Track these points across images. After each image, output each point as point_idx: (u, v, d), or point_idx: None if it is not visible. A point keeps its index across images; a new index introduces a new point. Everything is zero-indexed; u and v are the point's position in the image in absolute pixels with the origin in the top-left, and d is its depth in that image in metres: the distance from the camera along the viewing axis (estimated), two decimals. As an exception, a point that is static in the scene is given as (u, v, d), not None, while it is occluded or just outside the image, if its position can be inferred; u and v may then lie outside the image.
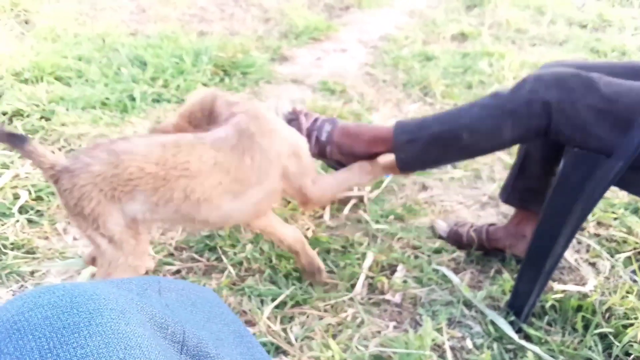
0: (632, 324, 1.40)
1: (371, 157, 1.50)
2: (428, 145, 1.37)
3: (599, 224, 1.90)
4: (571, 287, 1.57)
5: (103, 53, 3.09)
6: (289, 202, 1.95)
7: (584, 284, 1.61)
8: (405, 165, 1.44)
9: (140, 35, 3.50)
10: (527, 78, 1.27)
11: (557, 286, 1.57)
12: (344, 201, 2.01)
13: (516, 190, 1.64)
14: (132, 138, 1.33)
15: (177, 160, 1.26)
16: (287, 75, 3.13)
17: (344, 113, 2.62)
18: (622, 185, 1.27)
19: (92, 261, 1.52)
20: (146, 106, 2.54)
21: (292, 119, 1.56)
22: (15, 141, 1.22)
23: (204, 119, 1.49)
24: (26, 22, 3.59)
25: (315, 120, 1.56)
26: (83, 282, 0.47)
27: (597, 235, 1.84)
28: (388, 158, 1.49)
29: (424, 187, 2.14)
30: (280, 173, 1.40)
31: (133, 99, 2.58)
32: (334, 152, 1.52)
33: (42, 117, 2.39)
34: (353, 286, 1.62)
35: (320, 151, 1.54)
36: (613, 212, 1.92)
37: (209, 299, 0.61)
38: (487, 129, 1.28)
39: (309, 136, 1.52)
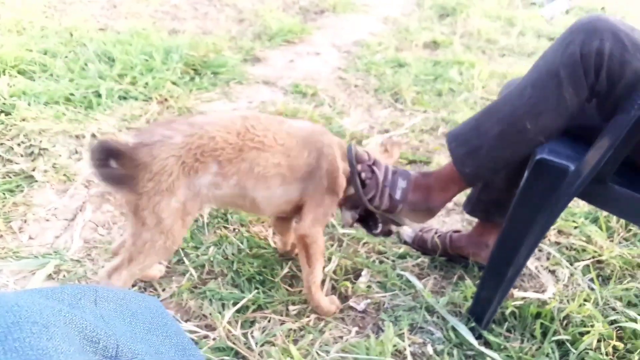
0: (588, 332, 1.42)
1: (447, 201, 1.40)
2: (492, 151, 1.24)
3: (560, 232, 1.93)
4: (531, 294, 1.59)
5: (70, 47, 3.01)
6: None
7: (543, 291, 1.64)
8: (473, 179, 1.30)
9: (110, 31, 3.43)
10: (574, 29, 1.12)
11: (517, 293, 1.59)
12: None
13: (480, 203, 1.64)
14: (209, 113, 1.36)
15: (256, 132, 1.32)
16: (259, 76, 3.11)
17: (315, 116, 2.61)
18: (585, 197, 1.29)
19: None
20: (112, 103, 2.48)
21: (369, 176, 1.37)
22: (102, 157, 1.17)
23: None
24: (-10, 13, 3.48)
25: (386, 171, 1.39)
26: (5, 293, 0.44)
27: (558, 243, 1.88)
28: None
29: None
30: (313, 188, 1.43)
31: (99, 95, 2.51)
32: (405, 210, 1.38)
33: (1, 112, 2.31)
34: (316, 291, 1.60)
35: (390, 208, 1.39)
36: (573, 221, 1.96)
37: (151, 309, 0.58)
38: (551, 107, 1.14)
39: (382, 192, 1.36)
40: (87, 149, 1.15)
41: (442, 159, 2.37)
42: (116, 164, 1.19)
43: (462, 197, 1.75)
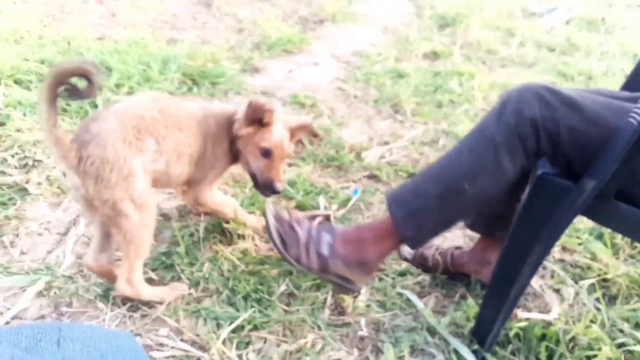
0: (595, 355, 1.38)
1: (383, 256, 1.34)
2: (432, 212, 1.23)
3: (564, 249, 1.89)
4: (535, 315, 1.54)
5: (67, 57, 2.98)
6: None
7: (548, 312, 1.59)
8: (415, 242, 1.29)
9: (108, 40, 3.40)
10: (505, 99, 1.17)
11: (521, 314, 1.54)
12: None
13: (481, 217, 1.59)
14: (123, 99, 1.61)
15: (171, 112, 1.48)
16: (258, 86, 3.08)
17: (313, 128, 2.57)
18: (588, 214, 1.25)
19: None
20: (108, 114, 2.44)
21: (286, 231, 1.35)
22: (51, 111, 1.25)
23: None
24: (-13, 22, 3.45)
25: (310, 228, 1.36)
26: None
27: (562, 260, 1.84)
28: None
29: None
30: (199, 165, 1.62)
31: (95, 105, 2.48)
32: (339, 265, 1.33)
33: (-5, 122, 2.27)
34: (314, 310, 1.56)
35: (322, 266, 1.34)
36: (577, 237, 1.92)
37: (123, 348, 0.53)
38: (488, 170, 1.17)
39: (306, 249, 1.33)
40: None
41: (442, 172, 2.33)
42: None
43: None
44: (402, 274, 1.73)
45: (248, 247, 1.76)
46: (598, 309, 1.61)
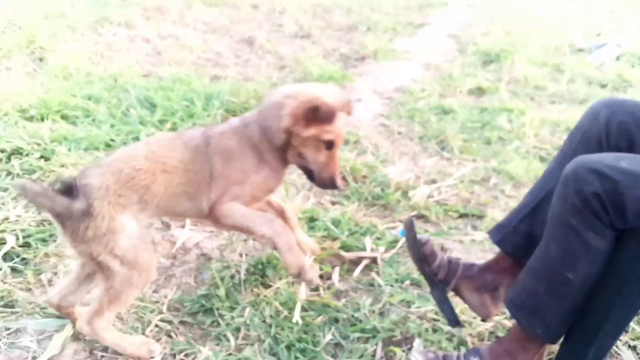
0: None
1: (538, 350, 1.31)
2: (550, 306, 1.22)
3: None
4: (614, 378, 1.37)
5: (113, 93, 3.02)
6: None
7: (626, 373, 1.42)
8: (551, 335, 1.26)
9: (153, 77, 3.46)
10: (564, 180, 1.15)
11: (597, 376, 1.37)
12: (356, 262, 1.85)
13: (517, 234, 1.43)
14: (116, 151, 1.51)
15: (160, 154, 1.41)
16: (300, 123, 3.03)
17: (357, 165, 2.49)
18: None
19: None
20: (151, 150, 2.43)
21: None
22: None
23: None
24: (40, 60, 3.57)
25: (457, 358, 1.36)
26: None
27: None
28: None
29: (443, 249, 1.98)
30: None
31: (139, 141, 2.47)
32: None
33: (41, 157, 2.28)
34: (363, 363, 1.43)
35: None
36: (652, 288, 1.73)
37: None
38: (579, 254, 1.14)
39: None
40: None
41: (496, 213, 2.20)
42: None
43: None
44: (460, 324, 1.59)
45: (291, 291, 1.66)
46: (685, 372, 1.43)
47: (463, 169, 2.60)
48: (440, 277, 1.49)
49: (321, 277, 1.76)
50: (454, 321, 1.47)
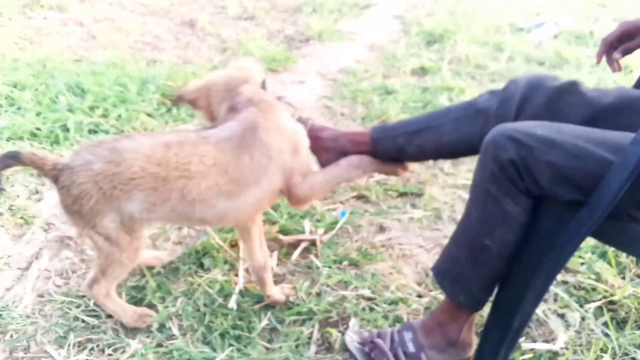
0: (609, 391, 1.25)
1: (461, 328, 1.32)
2: (473, 274, 1.24)
3: (566, 269, 1.77)
4: (541, 345, 1.41)
5: (41, 80, 2.85)
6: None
7: (553, 340, 1.46)
8: (473, 304, 1.28)
9: (85, 62, 3.29)
10: (483, 148, 1.17)
11: (525, 344, 1.41)
12: (295, 245, 1.83)
13: (394, 142, 1.56)
14: (137, 136, 1.36)
15: (179, 161, 1.27)
16: (240, 106, 2.96)
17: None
18: (599, 237, 1.14)
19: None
20: (81, 137, 2.32)
21: (372, 348, 1.36)
22: (9, 161, 1.25)
23: (225, 97, 1.47)
24: (-39, 46, 3.33)
25: (392, 335, 1.38)
26: None
27: (565, 282, 1.71)
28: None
29: (382, 229, 1.98)
30: (280, 171, 1.39)
31: (67, 129, 2.35)
32: (433, 356, 1.34)
33: (-42, 149, 2.14)
34: (299, 346, 1.42)
35: None
36: (580, 257, 1.80)
37: None
38: (497, 221, 1.16)
39: (395, 356, 1.34)
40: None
41: (434, 190, 2.22)
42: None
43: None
44: (395, 302, 1.60)
45: (226, 278, 1.62)
46: (607, 335, 1.49)
47: (404, 149, 2.61)
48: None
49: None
50: None
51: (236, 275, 1.65)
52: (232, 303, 1.53)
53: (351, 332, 1.44)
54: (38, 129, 2.34)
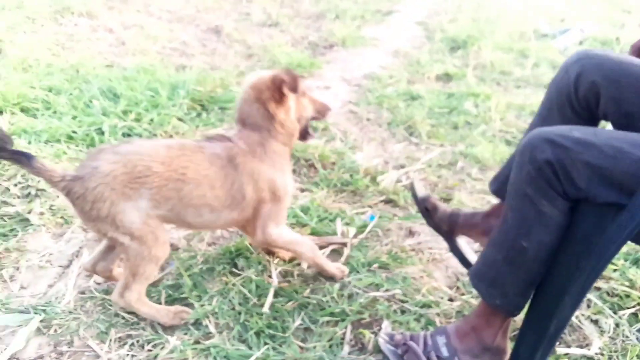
0: (646, 396, 1.24)
1: (498, 334, 1.32)
2: (507, 276, 1.24)
3: (599, 276, 1.76)
4: (575, 350, 1.41)
5: (75, 85, 2.94)
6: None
7: (587, 346, 1.46)
8: (510, 308, 1.27)
9: (117, 68, 3.37)
10: (520, 150, 1.18)
11: (559, 349, 1.41)
12: (324, 247, 1.85)
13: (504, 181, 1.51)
14: (136, 141, 1.47)
15: (179, 164, 1.37)
16: (268, 111, 3.00)
17: (326, 151, 2.48)
18: (637, 241, 1.13)
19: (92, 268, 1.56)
20: (115, 140, 2.38)
21: (405, 351, 1.37)
22: (22, 159, 1.27)
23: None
24: (-3, 52, 3.44)
25: (425, 339, 1.38)
26: None
27: (598, 289, 1.70)
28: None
29: (411, 233, 1.99)
30: (251, 209, 1.51)
31: (102, 132, 2.42)
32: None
33: (0, 150, 2.21)
34: (332, 346, 1.44)
35: None
36: (613, 264, 1.79)
37: None
38: (534, 223, 1.16)
39: (428, 359, 1.34)
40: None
41: (462, 196, 2.23)
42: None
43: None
44: (427, 305, 1.61)
45: (261, 278, 1.65)
46: (642, 342, 1.48)
47: (431, 154, 2.62)
48: (445, 228, 1.68)
49: (291, 261, 1.75)
50: (466, 264, 1.64)
51: (270, 276, 1.68)
52: (268, 303, 1.56)
53: (384, 334, 1.45)
54: (74, 132, 2.40)
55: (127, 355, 1.38)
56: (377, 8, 6.11)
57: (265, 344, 1.42)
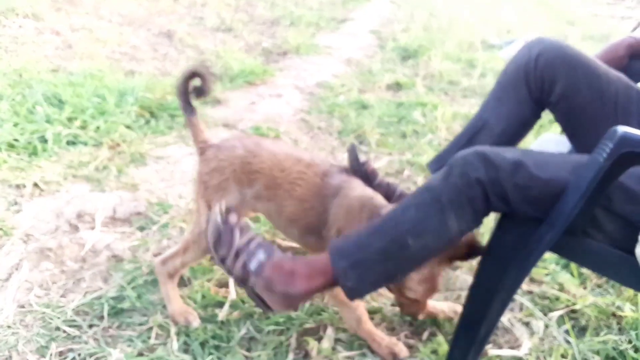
0: (568, 393, 1.33)
1: (310, 294, 1.28)
2: (374, 265, 1.21)
3: (531, 280, 1.86)
4: (506, 352, 1.49)
5: (18, 90, 2.85)
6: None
7: (518, 347, 1.54)
8: (355, 293, 1.25)
9: (63, 73, 3.29)
10: (452, 163, 1.18)
11: (491, 351, 1.49)
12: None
13: None
14: (281, 142, 1.68)
15: (296, 177, 1.43)
16: (219, 119, 3.01)
17: (276, 160, 2.51)
18: (558, 251, 1.21)
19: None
20: (59, 149, 2.33)
21: (226, 232, 1.29)
22: (188, 109, 1.50)
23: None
24: None
25: (250, 240, 1.29)
26: None
27: (530, 292, 1.80)
28: None
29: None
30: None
31: (45, 140, 2.36)
32: (260, 286, 1.26)
33: None
34: (277, 355, 1.47)
35: (243, 278, 1.27)
36: (544, 268, 1.89)
37: None
38: (432, 228, 1.17)
39: (236, 255, 1.26)
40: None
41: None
42: None
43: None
44: (369, 311, 1.66)
45: (205, 290, 1.66)
46: (568, 342, 1.58)
47: (379, 162, 2.69)
48: (382, 195, 1.56)
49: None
50: None
51: (221, 287, 1.69)
52: (222, 314, 1.57)
53: (224, 206, 1.32)
54: (16, 140, 2.34)
55: (68, 369, 1.36)
56: (332, 16, 6.21)
57: (210, 353, 1.44)
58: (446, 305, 1.64)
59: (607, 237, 1.14)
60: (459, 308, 1.58)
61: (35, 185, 2.08)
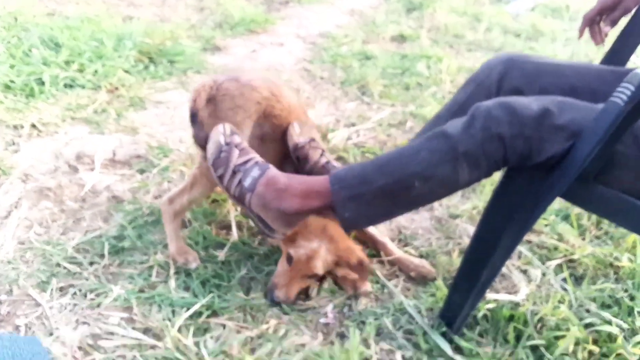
0: (563, 336, 1.35)
1: (303, 214, 1.26)
2: (375, 200, 1.19)
3: (531, 230, 1.86)
4: (503, 296, 1.50)
5: (13, 33, 2.78)
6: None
7: (515, 293, 1.56)
8: (350, 224, 1.25)
9: (58, 17, 3.20)
10: (475, 113, 1.13)
11: (489, 295, 1.50)
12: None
13: None
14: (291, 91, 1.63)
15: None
16: (219, 66, 2.95)
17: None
18: (567, 197, 1.19)
19: None
20: (57, 91, 2.29)
21: (223, 150, 1.31)
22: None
23: None
24: None
25: (247, 161, 1.31)
26: None
27: (529, 241, 1.81)
28: None
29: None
30: None
31: (42, 82, 2.32)
32: (255, 203, 1.27)
33: None
34: (277, 294, 1.48)
35: (240, 197, 1.29)
36: (544, 219, 1.89)
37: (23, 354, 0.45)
38: (442, 175, 1.14)
39: (233, 174, 1.29)
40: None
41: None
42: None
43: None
44: (370, 254, 1.67)
45: (206, 231, 1.66)
46: (565, 290, 1.59)
47: (381, 113, 2.66)
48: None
49: (244, 215, 1.77)
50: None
51: (222, 229, 1.69)
52: (222, 255, 1.57)
53: (230, 128, 1.37)
54: (12, 81, 2.29)
55: (69, 304, 1.37)
56: (336, -35, 6.01)
57: (211, 292, 1.45)
58: (418, 261, 1.63)
59: (618, 184, 1.12)
60: (428, 268, 1.60)
61: (33, 126, 2.05)
